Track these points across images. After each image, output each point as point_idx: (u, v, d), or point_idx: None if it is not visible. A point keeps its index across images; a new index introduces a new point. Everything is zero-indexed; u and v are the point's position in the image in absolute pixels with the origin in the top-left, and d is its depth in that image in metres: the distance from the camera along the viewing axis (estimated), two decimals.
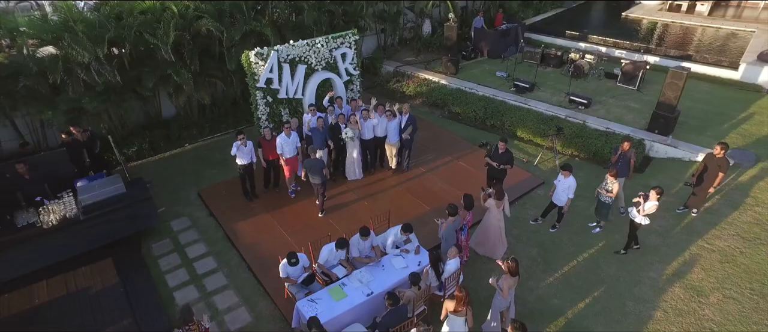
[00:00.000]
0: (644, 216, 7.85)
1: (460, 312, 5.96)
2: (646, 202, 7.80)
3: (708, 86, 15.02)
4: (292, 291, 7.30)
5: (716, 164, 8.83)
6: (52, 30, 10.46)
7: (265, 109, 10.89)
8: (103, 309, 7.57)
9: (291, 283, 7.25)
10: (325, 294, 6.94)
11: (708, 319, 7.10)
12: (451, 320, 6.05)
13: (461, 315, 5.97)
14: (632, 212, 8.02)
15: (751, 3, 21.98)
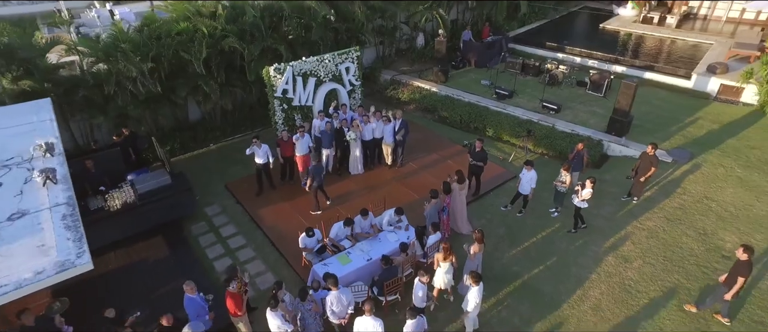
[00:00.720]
0: (582, 201, 9.94)
1: (448, 260, 8.13)
2: (583, 190, 9.89)
3: (665, 93, 17.12)
4: (308, 258, 9.39)
5: (648, 160, 10.94)
6: (105, 49, 12.55)
7: (281, 114, 12.98)
8: (159, 274, 9.65)
9: (308, 252, 9.33)
10: (335, 260, 9.02)
11: (628, 279, 9.20)
12: (442, 266, 8.22)
13: (448, 262, 8.15)
14: (574, 199, 10.12)
15: (715, 16, 24.04)
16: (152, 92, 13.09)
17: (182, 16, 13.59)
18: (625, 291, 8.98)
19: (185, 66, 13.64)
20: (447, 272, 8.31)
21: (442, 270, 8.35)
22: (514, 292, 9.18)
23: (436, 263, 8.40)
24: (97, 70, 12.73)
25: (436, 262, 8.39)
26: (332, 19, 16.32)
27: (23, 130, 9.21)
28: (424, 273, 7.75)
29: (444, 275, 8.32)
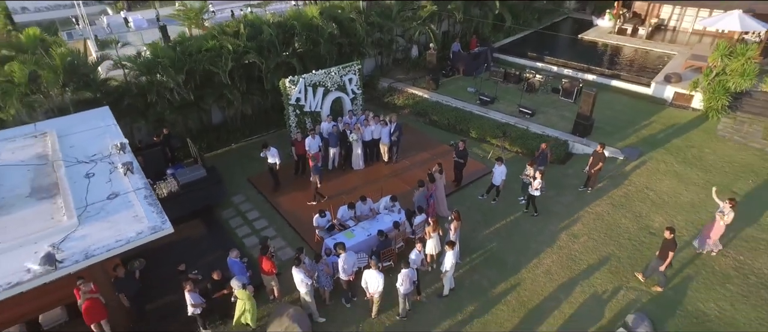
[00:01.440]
0: (535, 190, 12.35)
1: (436, 231, 10.55)
2: (535, 181, 12.31)
3: (627, 99, 19.55)
4: (320, 234, 11.77)
5: (598, 157, 13.36)
6: (146, 64, 14.95)
7: (294, 119, 15.38)
8: (201, 248, 12.05)
9: (320, 229, 11.73)
10: (342, 235, 11.41)
11: (575, 251, 11.62)
12: (432, 237, 10.62)
13: (436, 233, 10.59)
14: (529, 188, 12.53)
15: (683, 28, 26.45)
16: (185, 100, 15.50)
17: (210, 35, 16.00)
18: (570, 260, 11.40)
19: (212, 77, 16.05)
20: (435, 241, 10.71)
21: (432, 240, 10.74)
22: (484, 261, 11.58)
23: (428, 234, 10.80)
24: (139, 82, 15.11)
25: (428, 234, 10.79)
26: (337, 34, 18.71)
27: (96, 133, 11.60)
28: (420, 242, 10.12)
29: (434, 244, 10.72)
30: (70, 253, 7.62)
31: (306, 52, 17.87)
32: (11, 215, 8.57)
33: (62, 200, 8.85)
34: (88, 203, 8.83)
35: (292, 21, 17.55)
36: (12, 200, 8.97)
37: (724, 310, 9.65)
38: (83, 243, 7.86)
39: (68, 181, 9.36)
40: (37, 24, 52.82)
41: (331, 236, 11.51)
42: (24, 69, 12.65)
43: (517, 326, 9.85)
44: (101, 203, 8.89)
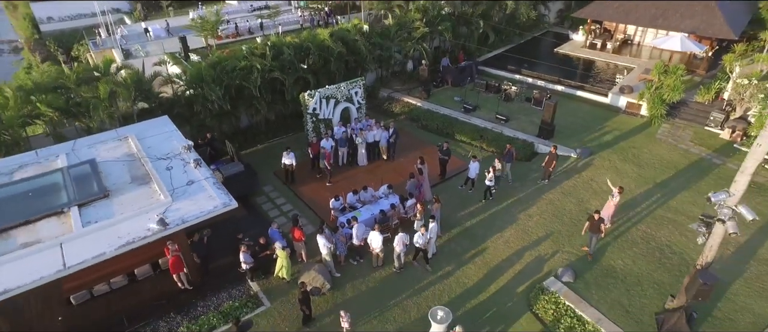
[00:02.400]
0: (489, 181, 15.98)
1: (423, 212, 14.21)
2: (489, 174, 15.97)
3: (588, 107, 23.22)
4: (335, 214, 15.44)
5: (552, 156, 17.02)
6: (192, 80, 18.60)
7: (311, 125, 19.02)
8: (245, 223, 15.68)
9: (335, 210, 15.39)
10: (351, 215, 15.07)
11: (529, 227, 15.28)
12: (419, 217, 14.25)
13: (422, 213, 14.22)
14: (486, 180, 16.18)
15: (646, 43, 30.08)
16: (223, 109, 19.15)
17: (242, 56, 19.64)
18: (524, 233, 15.07)
19: (244, 90, 19.68)
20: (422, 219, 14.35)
21: (418, 220, 14.38)
22: (459, 234, 15.23)
23: (418, 215, 14.42)
24: (186, 95, 18.76)
25: (418, 214, 14.41)
26: (344, 52, 22.34)
27: (163, 137, 15.26)
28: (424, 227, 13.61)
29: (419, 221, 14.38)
30: (171, 219, 11.29)
31: (319, 69, 21.51)
32: (123, 195, 12.25)
33: (156, 185, 12.53)
34: (174, 188, 12.51)
35: (308, 43, 21.21)
36: (121, 186, 12.66)
37: (627, 265, 13.34)
38: (178, 213, 11.54)
39: (156, 172, 13.04)
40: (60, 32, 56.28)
41: (344, 215, 15.17)
42: (106, 87, 16.30)
43: (481, 279, 13.51)
44: (183, 187, 12.57)
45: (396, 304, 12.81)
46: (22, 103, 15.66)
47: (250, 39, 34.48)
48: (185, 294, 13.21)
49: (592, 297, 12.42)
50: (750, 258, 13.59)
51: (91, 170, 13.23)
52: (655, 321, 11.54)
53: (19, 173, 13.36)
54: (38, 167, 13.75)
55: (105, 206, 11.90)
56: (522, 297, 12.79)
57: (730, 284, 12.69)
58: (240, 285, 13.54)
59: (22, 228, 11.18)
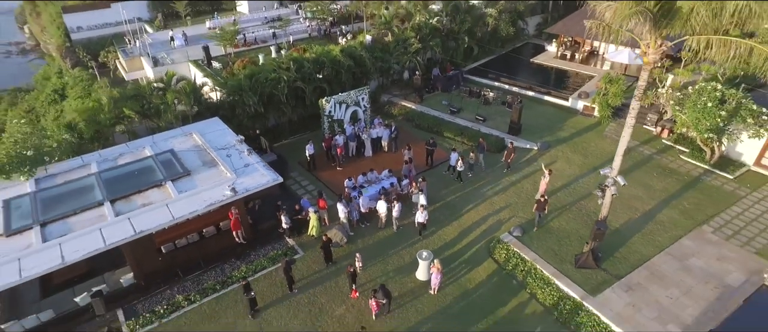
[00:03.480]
0: (460, 167, 20.99)
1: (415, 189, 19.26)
2: (460, 161, 21.00)
3: (553, 110, 28.22)
4: (348, 190, 20.45)
5: (510, 150, 22.04)
6: (233, 89, 23.59)
7: (327, 124, 24.02)
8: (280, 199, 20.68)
9: (348, 188, 20.41)
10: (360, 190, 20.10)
11: (494, 201, 20.31)
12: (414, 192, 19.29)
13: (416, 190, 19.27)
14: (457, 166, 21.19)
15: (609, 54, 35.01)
16: (257, 112, 24.14)
17: (271, 69, 24.62)
18: (491, 205, 20.09)
19: (273, 96, 24.66)
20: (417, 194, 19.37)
21: (414, 194, 19.41)
22: (441, 206, 20.23)
23: (415, 191, 19.42)
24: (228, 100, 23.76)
25: (414, 190, 19.42)
26: (352, 64, 27.32)
27: (218, 133, 20.28)
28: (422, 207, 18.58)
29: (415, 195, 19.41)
30: (238, 189, 16.31)
31: (332, 78, 26.48)
32: (200, 174, 17.29)
33: (222, 166, 17.57)
34: (235, 168, 17.53)
35: (323, 57, 26.21)
36: (196, 168, 17.70)
37: (561, 225, 18.38)
38: (242, 185, 16.57)
39: (219, 158, 18.07)
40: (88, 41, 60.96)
41: (355, 191, 20.18)
42: (172, 95, 21.31)
43: (456, 237, 18.51)
44: (241, 168, 17.60)
45: (394, 253, 17.83)
46: (113, 108, 20.66)
47: (264, 47, 39.11)
48: (241, 246, 18.20)
49: (532, 246, 17.45)
50: (650, 220, 18.63)
51: (173, 157, 18.28)
52: (574, 259, 16.57)
53: (121, 160, 18.39)
54: (132, 155, 18.78)
55: (189, 182, 16.95)
56: (484, 247, 17.84)
57: (630, 236, 17.74)
58: (280, 241, 18.57)
59: (138, 195, 16.24)
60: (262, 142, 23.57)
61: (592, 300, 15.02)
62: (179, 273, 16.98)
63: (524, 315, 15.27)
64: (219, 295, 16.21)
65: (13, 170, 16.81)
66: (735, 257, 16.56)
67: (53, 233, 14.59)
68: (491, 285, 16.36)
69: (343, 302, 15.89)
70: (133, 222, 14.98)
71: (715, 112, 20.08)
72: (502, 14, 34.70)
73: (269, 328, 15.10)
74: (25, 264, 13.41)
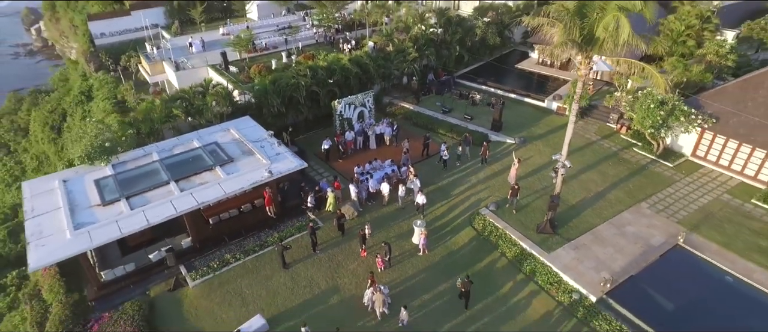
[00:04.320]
0: (444, 156, 25.59)
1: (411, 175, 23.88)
2: (444, 152, 25.60)
3: (532, 109, 32.78)
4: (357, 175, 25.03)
5: (486, 147, 26.63)
6: (259, 93, 28.16)
7: (338, 123, 28.59)
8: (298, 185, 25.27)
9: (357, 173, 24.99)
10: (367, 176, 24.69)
11: (476, 186, 24.90)
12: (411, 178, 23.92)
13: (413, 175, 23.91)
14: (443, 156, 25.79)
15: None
16: (279, 111, 28.71)
17: (291, 76, 29.18)
18: (472, 188, 24.67)
19: (293, 98, 29.21)
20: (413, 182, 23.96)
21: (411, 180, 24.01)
22: (434, 190, 24.79)
23: (411, 177, 24.00)
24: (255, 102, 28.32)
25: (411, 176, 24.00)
26: (358, 71, 31.86)
27: (251, 129, 24.87)
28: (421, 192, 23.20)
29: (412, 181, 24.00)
30: (274, 172, 20.89)
31: (342, 83, 31.02)
32: (241, 161, 21.89)
33: (259, 155, 22.16)
34: (269, 156, 22.11)
35: (334, 66, 30.76)
36: (237, 156, 22.29)
37: (529, 203, 22.95)
38: (276, 169, 21.16)
39: (255, 148, 22.64)
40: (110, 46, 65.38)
41: (363, 175, 24.73)
42: (211, 97, 25.88)
43: (444, 212, 23.08)
44: (274, 156, 22.19)
45: (395, 224, 22.41)
46: (164, 108, 25.22)
47: (275, 53, 42.96)
48: (272, 219, 22.74)
49: (504, 218, 22.03)
50: (600, 198, 23.22)
51: (217, 147, 22.86)
52: (536, 227, 21.15)
53: (176, 150, 22.96)
54: (183, 146, 23.34)
55: (233, 166, 21.53)
56: (467, 219, 22.43)
57: (583, 211, 22.33)
58: (303, 215, 23.12)
59: (195, 176, 20.83)
60: (284, 137, 28.12)
61: (547, 255, 19.61)
62: (225, 239, 21.55)
63: (496, 268, 19.87)
64: (258, 255, 20.77)
65: (95, 157, 21.35)
66: (660, 225, 21.17)
67: (136, 204, 19.16)
68: (470, 247, 20.96)
69: (355, 260, 20.48)
70: (195, 196, 19.56)
71: (656, 112, 24.70)
72: (490, 25, 39.22)
73: (298, 278, 19.67)
74: (121, 224, 18.00)
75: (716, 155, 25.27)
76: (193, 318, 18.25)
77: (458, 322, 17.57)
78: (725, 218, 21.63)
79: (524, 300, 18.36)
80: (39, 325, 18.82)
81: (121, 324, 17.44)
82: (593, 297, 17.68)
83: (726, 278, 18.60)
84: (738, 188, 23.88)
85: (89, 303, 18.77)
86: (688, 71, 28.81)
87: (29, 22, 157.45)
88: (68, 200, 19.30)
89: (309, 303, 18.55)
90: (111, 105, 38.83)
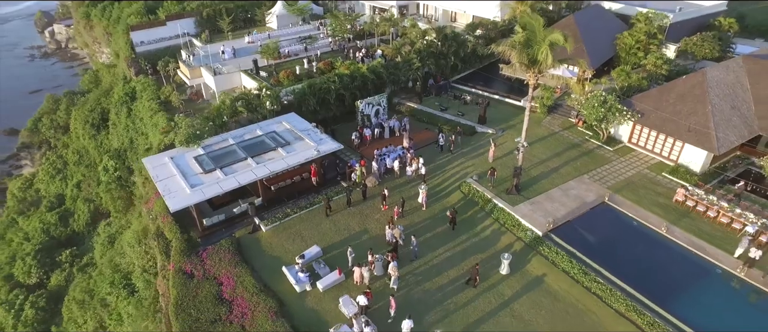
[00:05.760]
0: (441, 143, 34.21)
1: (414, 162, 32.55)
2: (441, 139, 34.23)
3: (511, 108, 41.38)
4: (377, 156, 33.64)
5: (452, 140, 35.21)
6: (300, 95, 36.77)
7: (360, 118, 37.17)
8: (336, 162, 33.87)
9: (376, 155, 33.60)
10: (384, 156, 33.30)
11: (465, 163, 33.51)
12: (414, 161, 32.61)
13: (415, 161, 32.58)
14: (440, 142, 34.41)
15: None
16: (315, 109, 37.29)
17: (323, 82, 37.73)
18: (462, 166, 33.28)
19: (325, 99, 37.77)
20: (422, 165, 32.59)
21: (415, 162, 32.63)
22: (433, 168, 33.39)
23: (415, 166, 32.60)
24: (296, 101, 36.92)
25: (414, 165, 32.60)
26: (374, 77, 40.42)
27: (296, 122, 33.49)
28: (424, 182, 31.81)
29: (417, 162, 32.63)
30: (321, 150, 29.49)
31: (361, 87, 39.58)
32: (295, 144, 30.56)
33: (307, 140, 30.77)
34: (315, 141, 30.70)
35: (355, 73, 39.32)
36: (291, 141, 30.91)
37: (502, 175, 31.48)
38: (322, 149, 29.74)
39: (304, 135, 31.26)
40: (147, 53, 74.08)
41: (381, 156, 33.29)
42: (266, 98, 34.43)
43: (439, 182, 31.67)
44: (318, 140, 30.81)
45: (407, 190, 30.97)
46: (231, 105, 33.77)
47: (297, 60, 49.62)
48: (315, 187, 31.27)
49: (483, 185, 30.61)
50: (554, 172, 31.83)
51: (276, 134, 31.45)
52: (506, 190, 29.73)
53: (246, 136, 31.53)
54: (250, 134, 31.90)
55: (290, 147, 30.10)
56: (456, 186, 31.04)
57: (541, 181, 30.94)
58: (338, 185, 31.66)
59: (264, 154, 29.48)
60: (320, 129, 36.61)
61: (512, 208, 28.18)
62: (284, 199, 30.13)
63: (476, 217, 28.47)
64: (309, 210, 29.32)
65: (191, 141, 29.88)
66: (595, 189, 29.78)
67: (228, 172, 27.74)
68: (459, 204, 29.53)
69: (378, 212, 29.09)
70: (268, 167, 28.13)
71: (598, 109, 33.29)
72: (479, 39, 47.81)
73: (339, 224, 28.22)
74: (221, 184, 26.59)
75: (644, 142, 33.88)
76: (268, 250, 26.82)
77: (449, 247, 26.17)
78: (640, 185, 30.26)
79: (495, 235, 26.98)
80: (164, 253, 27.32)
81: (222, 253, 25.98)
82: (540, 232, 26.25)
83: (632, 222, 27.21)
84: (655, 165, 32.51)
85: (197, 240, 27.32)
86: (629, 78, 37.48)
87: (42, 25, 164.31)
88: (179, 170, 27.86)
89: (347, 239, 27.12)
90: (156, 104, 46.87)
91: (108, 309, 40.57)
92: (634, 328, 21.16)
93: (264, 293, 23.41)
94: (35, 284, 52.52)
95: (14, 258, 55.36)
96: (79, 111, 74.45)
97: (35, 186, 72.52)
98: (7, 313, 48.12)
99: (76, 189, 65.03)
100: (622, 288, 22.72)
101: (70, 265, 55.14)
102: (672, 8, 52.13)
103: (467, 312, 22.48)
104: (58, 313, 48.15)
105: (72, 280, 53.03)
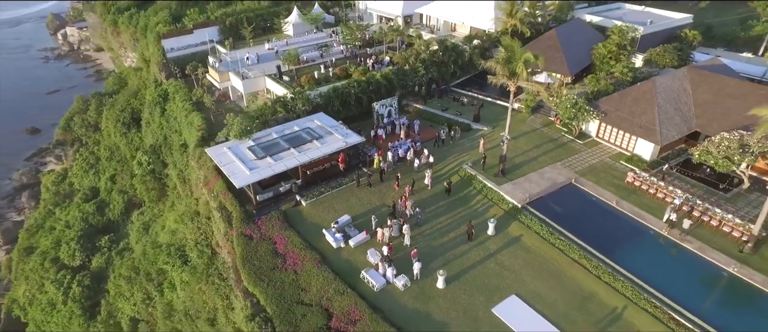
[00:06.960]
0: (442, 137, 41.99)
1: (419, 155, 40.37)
2: (442, 134, 41.99)
3: (501, 108, 49.07)
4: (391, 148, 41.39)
5: (439, 136, 42.98)
6: (326, 97, 44.52)
7: (375, 117, 44.91)
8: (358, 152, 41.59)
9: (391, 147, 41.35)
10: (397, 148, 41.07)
11: (462, 155, 41.29)
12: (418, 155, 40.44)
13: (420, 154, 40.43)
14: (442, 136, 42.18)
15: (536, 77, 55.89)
16: (338, 109, 45.03)
17: (344, 87, 45.45)
18: (459, 156, 41.04)
19: (346, 100, 45.47)
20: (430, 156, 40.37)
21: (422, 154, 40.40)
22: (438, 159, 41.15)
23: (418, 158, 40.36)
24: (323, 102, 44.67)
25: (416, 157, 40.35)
26: (386, 83, 48.13)
27: (325, 120, 41.25)
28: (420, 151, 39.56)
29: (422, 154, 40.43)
30: (348, 142, 37.26)
31: (376, 90, 47.28)
32: (327, 138, 38.39)
33: (336, 134, 38.56)
34: (342, 135, 38.45)
35: (371, 79, 47.04)
36: (323, 135, 38.67)
37: (491, 162, 39.25)
38: (349, 141, 37.50)
39: (333, 130, 39.03)
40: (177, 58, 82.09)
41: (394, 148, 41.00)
42: (300, 100, 42.16)
43: (442, 168, 39.42)
44: (345, 134, 38.60)
45: (415, 174, 38.67)
46: (271, 106, 41.47)
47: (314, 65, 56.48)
48: (343, 172, 38.94)
49: (476, 170, 38.34)
50: (533, 160, 39.59)
51: (310, 129, 39.22)
52: (494, 174, 37.50)
53: (285, 131, 39.27)
54: (289, 130, 39.64)
55: (323, 140, 37.88)
56: (454, 171, 38.79)
57: (522, 166, 38.71)
58: (360, 170, 39.40)
59: (302, 145, 37.22)
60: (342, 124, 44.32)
61: (498, 187, 35.94)
62: (319, 181, 37.88)
63: (470, 194, 36.24)
64: (338, 189, 37.08)
65: (243, 135, 37.59)
66: (565, 172, 37.55)
67: (277, 158, 35.46)
68: (456, 185, 37.26)
69: (392, 190, 36.88)
70: (307, 155, 35.88)
71: (570, 109, 41.06)
72: (475, 49, 55.61)
73: (363, 199, 35.94)
74: (273, 168, 34.36)
75: (608, 136, 41.64)
76: (309, 219, 34.58)
77: (449, 216, 33.93)
78: (601, 170, 38.05)
79: (484, 207, 34.79)
80: (227, 222, 35.02)
81: (273, 221, 33.72)
82: (519, 205, 34.01)
83: (591, 198, 34.99)
84: (616, 155, 40.30)
85: (253, 212, 35.03)
86: (599, 84, 45.27)
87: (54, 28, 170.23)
88: (237, 157, 35.59)
89: (370, 210, 34.86)
90: (190, 105, 53.57)
91: (154, 283, 47.45)
92: (585, 270, 28.91)
93: (309, 248, 31.15)
94: (79, 265, 58.95)
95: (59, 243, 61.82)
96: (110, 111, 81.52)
97: (68, 180, 78.69)
98: (58, 291, 55.01)
99: (110, 182, 71.14)
100: (578, 245, 30.47)
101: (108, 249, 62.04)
102: (644, 21, 60.06)
103: (463, 260, 30.25)
104: (101, 291, 55.02)
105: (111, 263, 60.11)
